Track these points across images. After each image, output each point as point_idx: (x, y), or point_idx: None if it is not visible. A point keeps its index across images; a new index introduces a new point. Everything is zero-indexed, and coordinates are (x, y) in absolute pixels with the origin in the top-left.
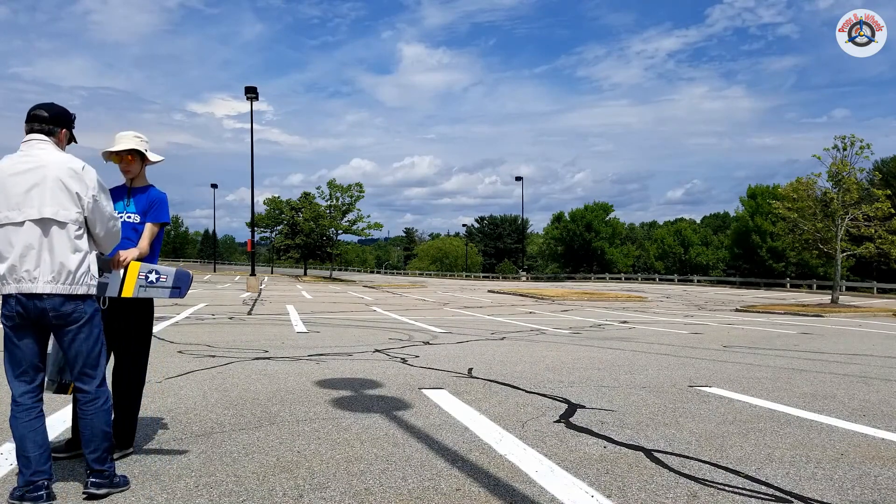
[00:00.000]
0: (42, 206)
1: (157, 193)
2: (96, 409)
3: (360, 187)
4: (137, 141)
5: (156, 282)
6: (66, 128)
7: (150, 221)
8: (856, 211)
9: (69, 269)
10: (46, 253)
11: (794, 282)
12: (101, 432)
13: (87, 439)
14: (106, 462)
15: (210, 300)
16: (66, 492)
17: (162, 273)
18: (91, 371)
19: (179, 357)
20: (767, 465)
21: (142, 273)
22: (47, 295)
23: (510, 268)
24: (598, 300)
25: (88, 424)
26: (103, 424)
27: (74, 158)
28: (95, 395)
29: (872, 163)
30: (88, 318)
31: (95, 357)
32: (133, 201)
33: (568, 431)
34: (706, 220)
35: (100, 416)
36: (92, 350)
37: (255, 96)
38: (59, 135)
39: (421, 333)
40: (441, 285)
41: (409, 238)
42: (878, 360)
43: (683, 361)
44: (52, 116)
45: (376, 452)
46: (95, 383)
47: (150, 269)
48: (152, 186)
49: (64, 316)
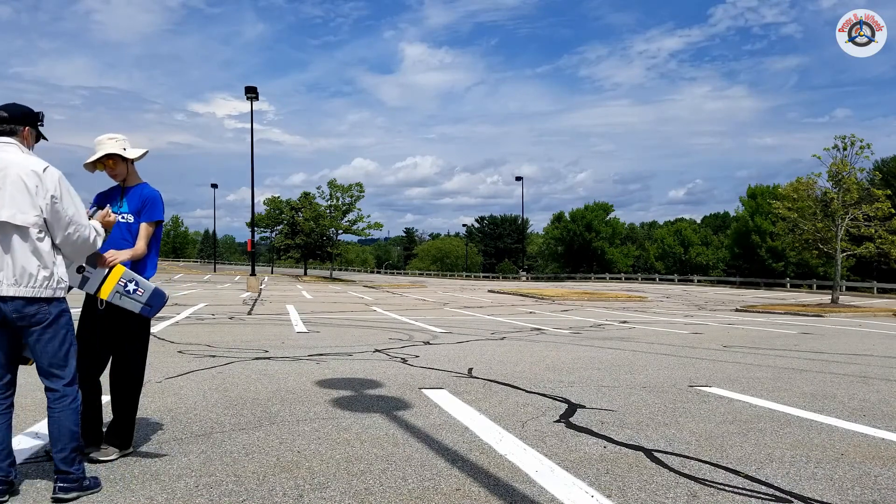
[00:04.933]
0: (0, 209)
1: (149, 191)
2: (63, 408)
3: (361, 187)
4: (112, 143)
5: (132, 293)
6: (29, 126)
7: (143, 221)
8: (856, 211)
9: (30, 273)
10: (8, 257)
11: (794, 282)
12: (68, 431)
13: (54, 438)
14: (74, 464)
15: (210, 300)
16: (38, 495)
17: (141, 286)
18: (58, 371)
19: (179, 357)
20: (767, 465)
21: (122, 280)
22: (10, 297)
23: (510, 268)
24: (598, 300)
25: (56, 423)
26: (71, 424)
27: (37, 160)
28: (63, 394)
29: (873, 163)
30: (53, 319)
31: (63, 357)
32: (126, 201)
33: (568, 431)
34: (706, 220)
35: (67, 415)
36: (58, 350)
37: (255, 96)
38: (23, 133)
39: (421, 333)
40: (441, 285)
41: (409, 238)
42: (878, 360)
43: (683, 361)
44: (13, 116)
45: (376, 452)
46: (62, 382)
47: (132, 278)
48: (145, 184)
49: (27, 317)
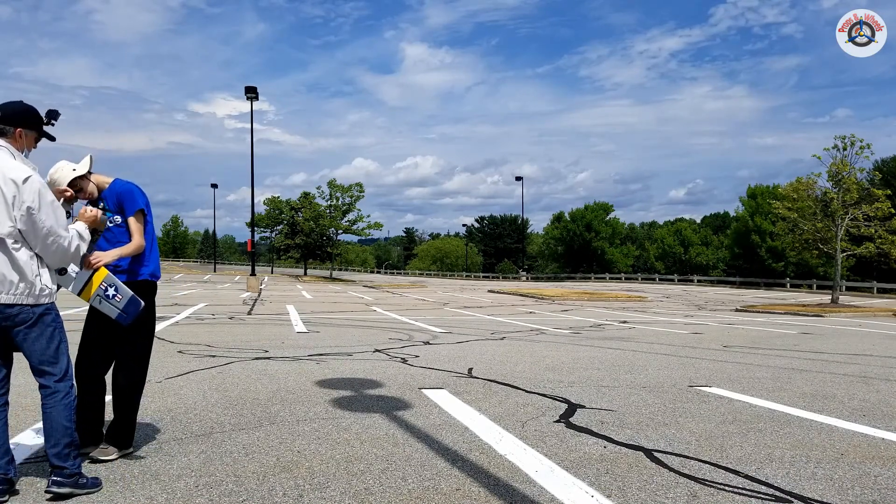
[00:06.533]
0: None
1: (121, 185)
2: (55, 403)
3: (361, 187)
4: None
5: (111, 297)
6: (22, 127)
7: (129, 216)
8: (856, 211)
9: (10, 281)
10: None
11: (794, 282)
12: (60, 427)
13: (47, 434)
14: (67, 459)
15: (210, 300)
16: (38, 494)
17: (120, 293)
18: (48, 367)
19: (179, 357)
20: (767, 465)
21: (104, 284)
22: None
23: (510, 268)
24: (598, 300)
25: (48, 418)
26: (63, 420)
27: (20, 168)
28: (54, 390)
29: (872, 163)
30: (37, 317)
31: (52, 354)
32: (105, 203)
33: (568, 431)
34: (706, 220)
35: (59, 411)
36: (47, 347)
37: (255, 96)
38: (14, 134)
39: (421, 333)
40: (441, 285)
41: (409, 238)
42: (878, 360)
43: (683, 361)
44: (4, 116)
45: (376, 452)
46: (54, 378)
47: (113, 283)
48: (115, 180)
49: (10, 318)
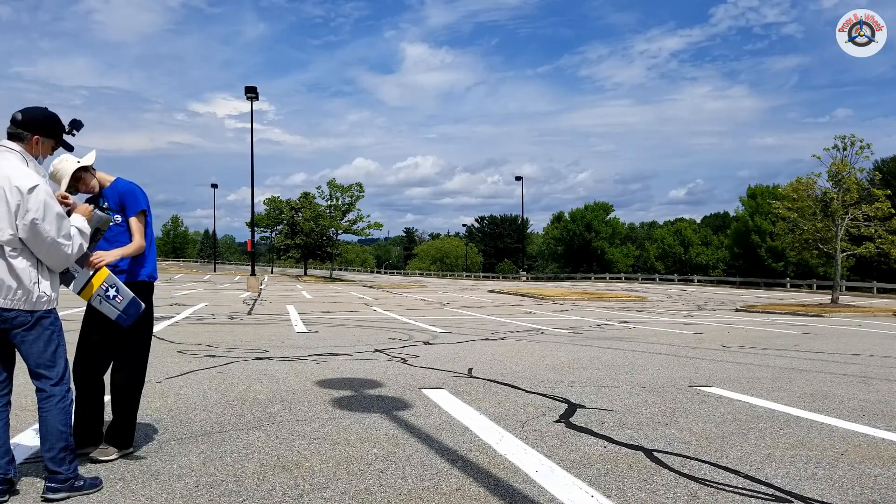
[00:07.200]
0: None
1: (123, 185)
2: (51, 407)
3: (361, 187)
4: (72, 161)
5: (111, 298)
6: (41, 135)
7: (130, 217)
8: (856, 211)
9: (8, 286)
10: None
11: (794, 282)
12: (56, 431)
13: (43, 437)
14: (63, 463)
15: (210, 300)
16: (37, 495)
17: (121, 294)
18: (45, 371)
19: (179, 357)
20: (767, 465)
21: (105, 284)
22: None
23: (510, 268)
24: (598, 300)
25: (44, 422)
26: (59, 424)
27: (28, 176)
28: (50, 394)
29: (872, 163)
30: (35, 321)
31: (49, 357)
32: (107, 202)
33: (568, 431)
34: (706, 220)
35: (55, 415)
36: (44, 351)
37: (255, 96)
38: (30, 141)
39: (421, 333)
40: (441, 285)
41: (409, 238)
42: (878, 360)
43: (683, 361)
44: (24, 121)
45: (376, 452)
46: (50, 382)
47: (114, 283)
48: (118, 179)
49: (7, 320)
